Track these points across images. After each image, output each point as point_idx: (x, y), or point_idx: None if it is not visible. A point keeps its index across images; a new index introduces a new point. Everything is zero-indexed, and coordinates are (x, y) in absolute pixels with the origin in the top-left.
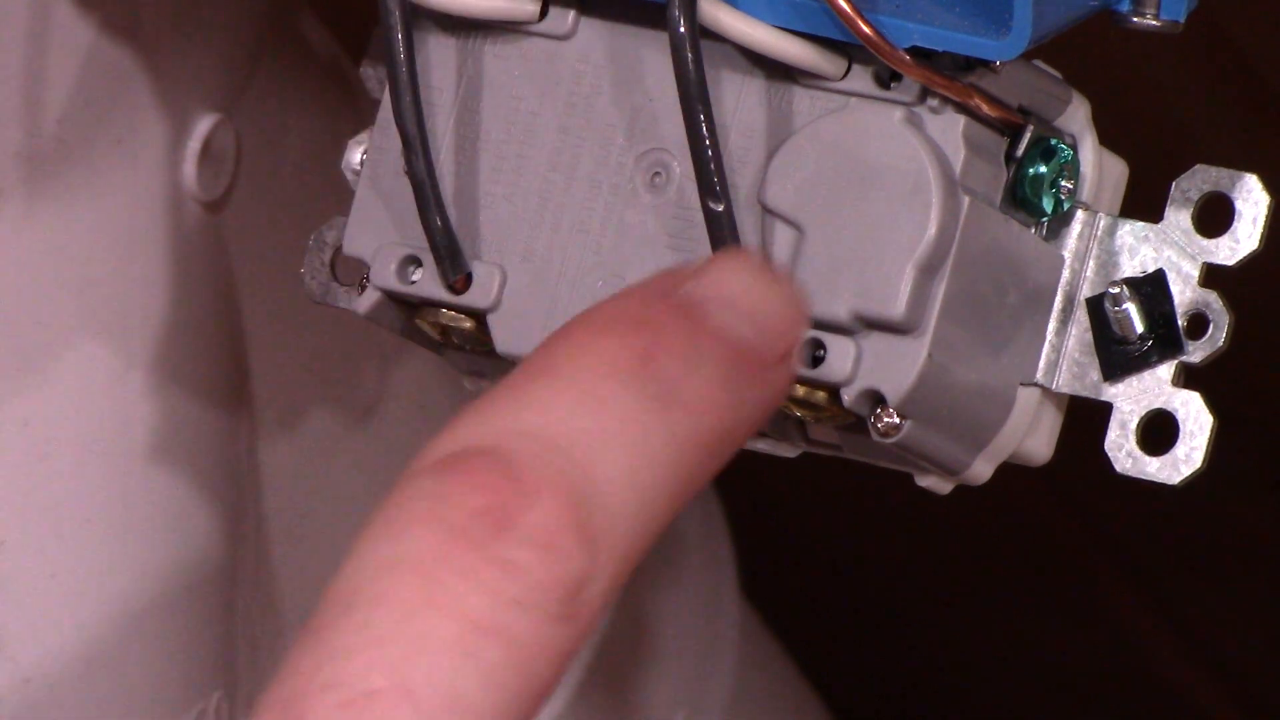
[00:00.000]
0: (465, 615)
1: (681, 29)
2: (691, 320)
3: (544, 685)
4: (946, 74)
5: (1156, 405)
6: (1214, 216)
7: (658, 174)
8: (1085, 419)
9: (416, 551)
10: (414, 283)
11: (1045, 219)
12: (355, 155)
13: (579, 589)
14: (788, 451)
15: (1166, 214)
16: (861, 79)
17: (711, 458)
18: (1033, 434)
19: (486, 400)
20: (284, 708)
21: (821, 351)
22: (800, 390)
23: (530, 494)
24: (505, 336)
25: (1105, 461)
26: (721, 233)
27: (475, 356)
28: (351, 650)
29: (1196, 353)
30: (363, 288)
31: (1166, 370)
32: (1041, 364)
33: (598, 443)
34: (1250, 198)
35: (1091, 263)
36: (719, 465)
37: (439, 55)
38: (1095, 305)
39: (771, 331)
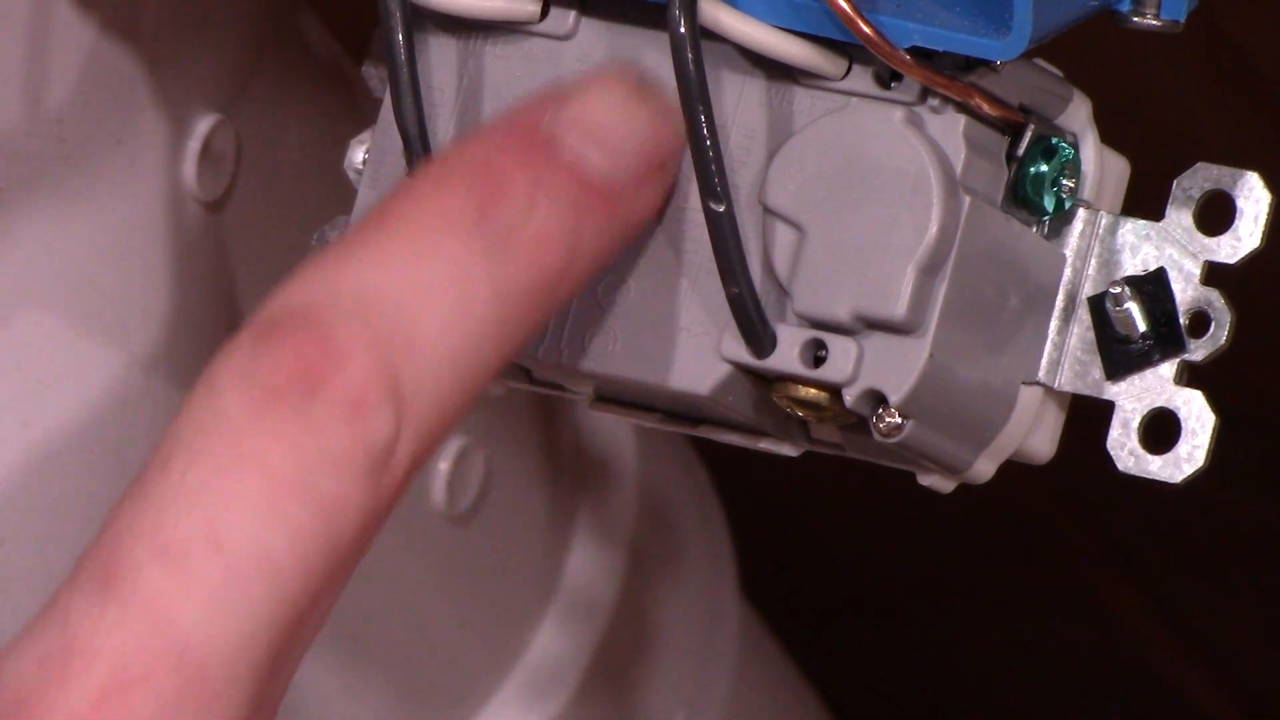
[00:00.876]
0: (272, 472)
1: (682, 29)
2: (544, 154)
3: (350, 544)
4: (947, 74)
5: (1158, 404)
6: (1215, 214)
7: None
8: (1087, 417)
9: (230, 411)
10: None
11: (1046, 218)
12: (358, 155)
13: (386, 448)
14: (789, 451)
15: (1168, 212)
16: (862, 79)
17: (546, 298)
18: (1035, 433)
19: (316, 258)
20: (99, 558)
21: (823, 352)
22: (802, 390)
23: (339, 356)
24: None
25: (1107, 460)
26: (722, 233)
27: None
28: (165, 502)
29: (1198, 351)
30: None
31: (1169, 369)
32: (1043, 363)
33: (414, 300)
34: (1252, 196)
35: (1093, 261)
36: (557, 302)
37: (440, 55)
38: (1097, 304)
39: (629, 154)
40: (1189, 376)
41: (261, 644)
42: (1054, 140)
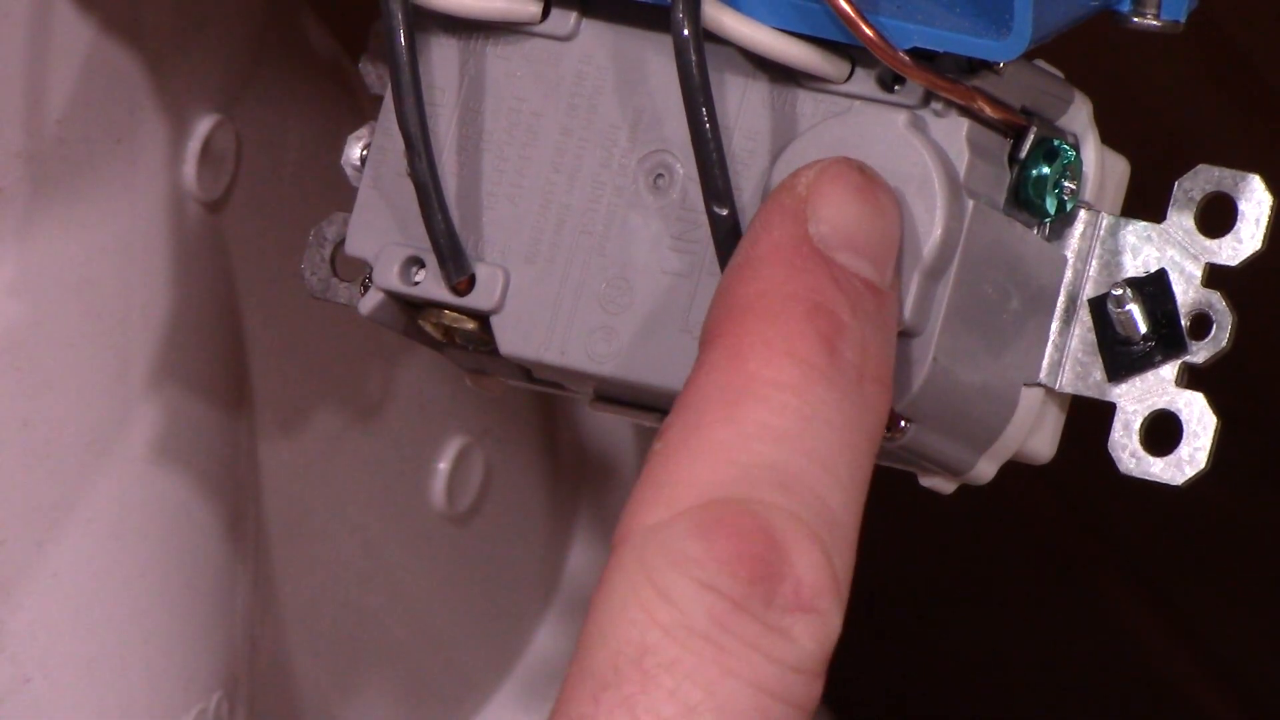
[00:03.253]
0: (760, 684)
1: (685, 32)
2: (832, 277)
3: None
4: (949, 76)
5: (1160, 405)
6: (1217, 217)
7: (660, 175)
8: (1088, 418)
9: (701, 620)
10: (417, 284)
11: (1048, 220)
12: (355, 151)
13: (834, 639)
14: None
15: (1169, 214)
16: (865, 82)
17: (882, 426)
18: (1036, 434)
19: (695, 428)
20: None
21: None
22: None
23: (786, 553)
24: (509, 338)
25: (1108, 462)
26: (725, 236)
27: (478, 355)
28: (666, 718)
29: (1200, 353)
30: (365, 288)
31: (1170, 370)
32: (1045, 364)
33: (821, 476)
34: (1253, 198)
35: (1094, 263)
36: None
37: (441, 56)
38: (1098, 305)
39: (884, 260)
40: (1190, 378)
41: None
42: (1056, 142)
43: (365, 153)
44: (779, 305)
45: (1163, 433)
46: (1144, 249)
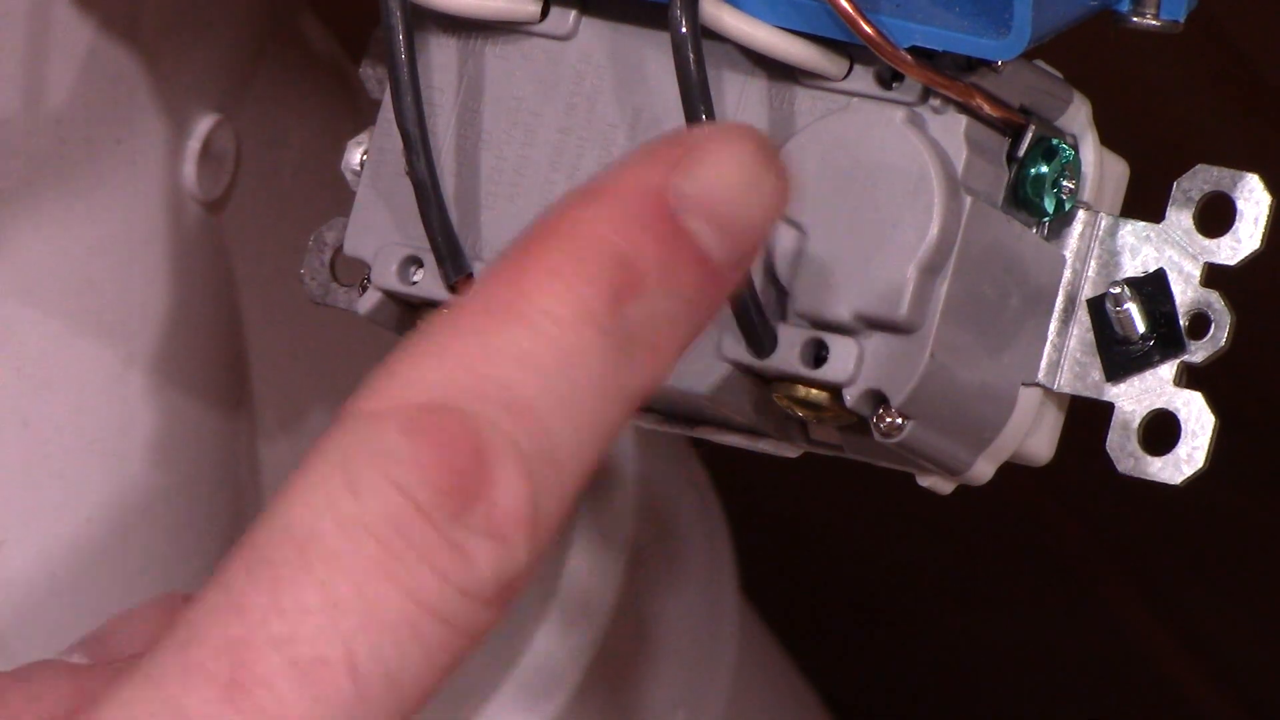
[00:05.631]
0: (417, 595)
1: (683, 29)
2: (672, 242)
3: (458, 666)
4: (948, 74)
5: (1158, 405)
6: (1215, 216)
7: None
8: (1087, 419)
9: (378, 518)
10: (415, 283)
11: (1046, 219)
12: (355, 156)
13: (517, 578)
14: (789, 452)
15: (1168, 214)
16: (863, 79)
17: (646, 395)
18: (1034, 434)
19: (452, 334)
20: (230, 650)
21: (824, 352)
22: (803, 390)
23: (490, 472)
24: None
25: (1107, 462)
26: None
27: None
28: (307, 608)
29: (1198, 353)
30: (364, 288)
31: (1168, 370)
32: (1043, 364)
33: (558, 407)
34: (1252, 197)
35: (1093, 262)
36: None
37: (440, 55)
38: (1097, 305)
39: (743, 239)
40: (1189, 378)
41: None
42: (1054, 142)
43: (365, 158)
44: (587, 242)
45: (1161, 432)
46: (1142, 249)
